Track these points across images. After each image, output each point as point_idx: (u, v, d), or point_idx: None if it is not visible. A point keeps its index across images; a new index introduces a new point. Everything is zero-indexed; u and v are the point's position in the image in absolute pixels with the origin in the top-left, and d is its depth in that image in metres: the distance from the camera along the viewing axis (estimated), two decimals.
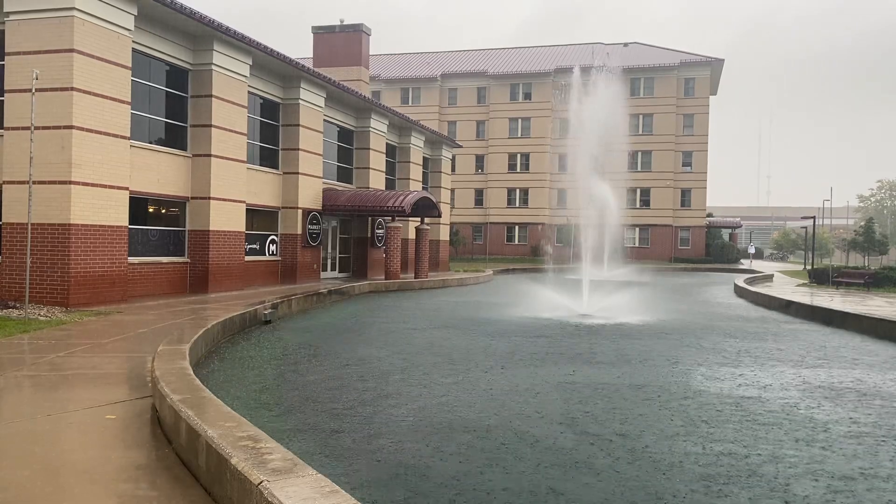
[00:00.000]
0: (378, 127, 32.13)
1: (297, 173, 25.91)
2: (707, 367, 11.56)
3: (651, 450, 6.82)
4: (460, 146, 47.98)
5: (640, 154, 64.41)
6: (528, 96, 65.81)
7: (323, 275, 28.62)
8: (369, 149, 31.54)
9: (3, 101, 16.41)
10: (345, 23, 37.83)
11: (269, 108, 25.42)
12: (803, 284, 34.97)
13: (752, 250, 67.85)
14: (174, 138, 20.59)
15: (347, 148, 31.28)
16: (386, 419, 7.79)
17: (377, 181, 32.21)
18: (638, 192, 64.42)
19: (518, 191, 66.06)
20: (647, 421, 7.95)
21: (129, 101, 17.58)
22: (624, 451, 6.79)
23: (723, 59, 62.82)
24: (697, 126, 64.24)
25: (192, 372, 7.74)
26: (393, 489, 5.70)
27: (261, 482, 4.18)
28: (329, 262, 29.82)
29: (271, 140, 25.66)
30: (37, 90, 14.62)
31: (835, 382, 10.47)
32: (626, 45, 69.40)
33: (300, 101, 25.72)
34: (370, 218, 30.91)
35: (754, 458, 6.68)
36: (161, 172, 19.73)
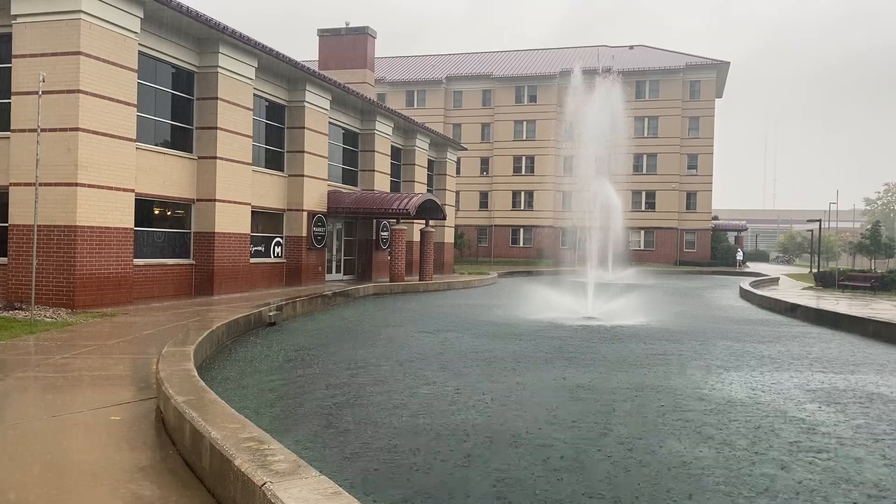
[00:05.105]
0: (383, 129, 32.16)
1: (303, 175, 25.95)
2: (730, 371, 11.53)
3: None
4: (465, 149, 47.97)
5: (645, 157, 64.32)
6: (533, 99, 65.79)
7: (328, 277, 28.64)
8: (374, 151, 31.57)
9: (9, 103, 16.49)
10: (351, 25, 37.86)
11: (274, 111, 25.47)
12: (809, 288, 34.82)
13: (740, 256, 61.01)
14: (180, 140, 20.65)
15: (352, 150, 31.32)
16: (387, 422, 7.80)
17: (382, 184, 32.22)
18: (643, 194, 64.32)
19: (523, 193, 66.03)
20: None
21: (135, 103, 17.65)
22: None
23: (728, 62, 62.61)
24: (703, 129, 64.10)
25: (196, 374, 7.76)
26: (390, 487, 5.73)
27: (264, 483, 4.19)
28: (334, 264, 29.83)
29: (276, 142, 25.71)
30: (43, 92, 14.67)
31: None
32: (631, 47, 69.31)
33: (305, 104, 25.77)
34: (375, 220, 30.92)
35: None
36: (166, 175, 19.78)
